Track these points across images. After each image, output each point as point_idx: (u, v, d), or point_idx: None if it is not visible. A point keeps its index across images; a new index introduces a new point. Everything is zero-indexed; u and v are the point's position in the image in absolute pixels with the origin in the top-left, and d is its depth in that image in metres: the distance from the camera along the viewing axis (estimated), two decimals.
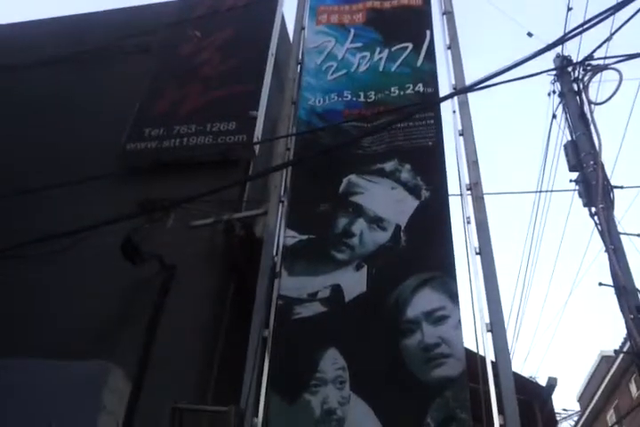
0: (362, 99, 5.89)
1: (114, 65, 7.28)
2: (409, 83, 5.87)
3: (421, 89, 5.80)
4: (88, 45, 7.37)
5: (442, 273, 4.48)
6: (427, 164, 5.21)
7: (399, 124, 5.41)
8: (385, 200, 5.08)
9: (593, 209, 6.23)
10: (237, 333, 4.67)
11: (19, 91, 7.27)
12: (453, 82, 5.93)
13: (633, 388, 17.25)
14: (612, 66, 6.99)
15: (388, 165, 5.22)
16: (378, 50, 6.27)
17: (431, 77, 5.90)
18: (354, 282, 4.59)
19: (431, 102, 5.30)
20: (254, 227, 5.27)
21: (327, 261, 4.76)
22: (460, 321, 4.19)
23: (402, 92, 5.82)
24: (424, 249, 4.72)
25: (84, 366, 3.65)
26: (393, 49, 6.25)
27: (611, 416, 18.86)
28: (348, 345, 4.26)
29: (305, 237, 4.93)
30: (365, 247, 4.81)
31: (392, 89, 5.87)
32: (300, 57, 6.43)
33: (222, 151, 5.76)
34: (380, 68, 6.11)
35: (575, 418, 20.47)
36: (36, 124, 6.80)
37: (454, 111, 5.63)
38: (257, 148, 5.90)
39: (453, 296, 4.32)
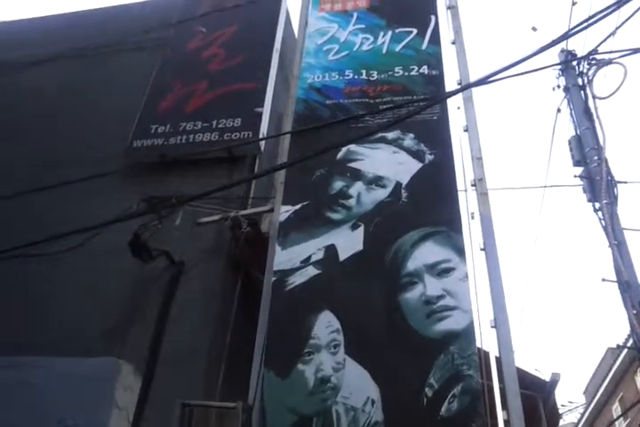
0: (364, 76, 5.83)
1: (125, 61, 7.31)
2: (413, 64, 5.81)
3: (426, 71, 5.73)
4: (99, 41, 7.40)
5: (447, 228, 4.42)
6: (431, 134, 5.15)
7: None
8: (386, 162, 5.00)
9: (597, 204, 6.24)
10: (244, 328, 4.73)
11: (26, 87, 7.31)
12: (458, 77, 5.93)
13: (639, 380, 17.26)
14: (617, 60, 6.98)
15: (391, 134, 5.15)
16: (381, 34, 6.22)
17: (436, 60, 5.84)
18: (349, 241, 4.48)
19: (435, 100, 5.29)
20: (260, 223, 5.31)
21: (321, 224, 4.65)
22: (466, 275, 4.12)
23: (406, 73, 5.76)
24: (427, 205, 4.64)
25: (95, 363, 3.71)
26: (397, 31, 6.20)
27: (616, 409, 18.91)
28: (342, 306, 4.14)
29: (299, 205, 4.85)
30: (363, 207, 4.71)
31: (396, 69, 5.81)
32: (304, 52, 6.43)
33: (228, 148, 5.78)
34: (384, 51, 6.06)
35: (581, 410, 20.52)
36: (44, 120, 6.85)
37: (458, 107, 5.63)
38: (262, 144, 5.92)
39: (459, 250, 4.26)
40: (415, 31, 6.15)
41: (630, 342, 7.97)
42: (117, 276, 5.03)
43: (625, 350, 14.91)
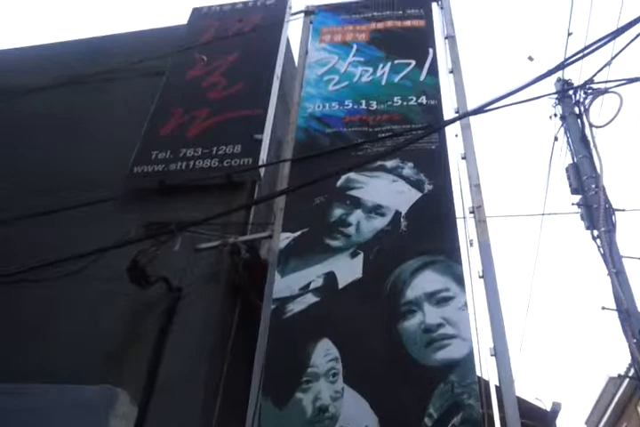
0: (363, 106, 5.96)
1: (124, 88, 7.38)
2: (411, 95, 5.94)
3: (424, 101, 5.85)
4: (98, 68, 7.49)
5: (445, 257, 4.44)
6: (430, 163, 5.22)
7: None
8: (385, 190, 5.06)
9: (595, 232, 6.25)
10: (243, 356, 4.68)
11: (28, 112, 7.38)
12: (456, 106, 6.00)
13: None
14: (613, 89, 7.08)
15: (390, 163, 5.23)
16: (380, 66, 6.36)
17: (434, 91, 5.98)
18: (349, 268, 4.50)
19: (434, 128, 5.35)
20: (259, 250, 5.31)
21: (321, 251, 4.67)
22: (465, 303, 4.12)
23: (404, 103, 5.88)
24: (426, 235, 4.67)
25: (91, 391, 3.67)
26: (395, 62, 6.35)
27: None
28: (341, 334, 4.13)
29: (298, 233, 4.89)
30: (362, 235, 4.74)
31: (395, 99, 5.93)
32: (304, 82, 6.53)
33: (228, 174, 5.81)
34: (383, 82, 6.19)
35: None
36: (44, 146, 6.89)
37: (456, 135, 5.69)
38: (262, 170, 5.96)
39: (458, 279, 4.28)
40: (413, 63, 6.28)
41: (632, 371, 7.90)
42: (115, 302, 4.99)
43: (626, 380, 14.74)
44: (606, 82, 7.13)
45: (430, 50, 6.45)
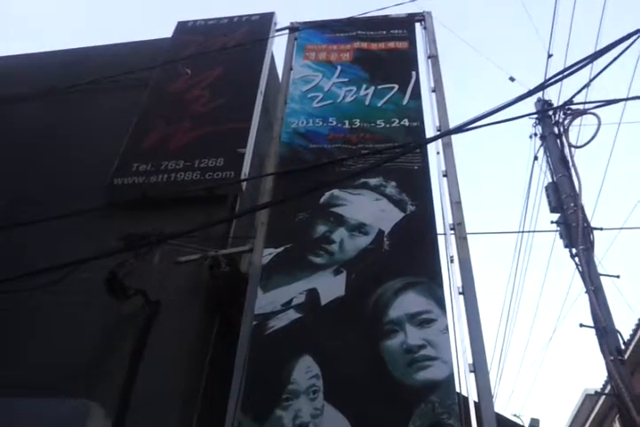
0: (347, 125, 6.02)
1: (107, 99, 7.35)
2: (394, 117, 6.02)
3: (407, 123, 5.93)
4: (81, 79, 7.45)
5: (428, 280, 4.46)
6: (412, 183, 5.28)
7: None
8: (368, 208, 5.09)
9: (574, 250, 6.32)
10: (221, 370, 4.63)
11: (7, 123, 7.31)
12: (438, 124, 6.08)
13: None
14: (591, 110, 7.21)
15: (374, 181, 5.27)
16: (364, 86, 6.44)
17: (416, 113, 6.08)
18: (331, 286, 4.50)
19: (416, 145, 5.41)
20: (240, 263, 5.28)
21: (304, 267, 4.67)
22: (447, 327, 4.15)
23: (387, 125, 5.95)
24: (409, 255, 4.69)
25: (65, 405, 3.59)
26: (379, 87, 6.43)
27: None
28: (322, 351, 4.12)
29: (281, 248, 4.88)
30: (345, 253, 4.75)
31: (378, 122, 6.01)
32: (289, 98, 6.57)
33: (209, 187, 5.79)
34: (367, 102, 6.27)
35: None
36: (24, 157, 6.82)
37: (438, 152, 5.76)
38: (244, 184, 5.95)
39: (440, 302, 4.30)
40: (396, 87, 6.38)
41: (608, 388, 7.94)
42: (92, 314, 4.91)
43: (603, 397, 14.81)
44: (585, 103, 7.27)
45: (413, 73, 6.55)
